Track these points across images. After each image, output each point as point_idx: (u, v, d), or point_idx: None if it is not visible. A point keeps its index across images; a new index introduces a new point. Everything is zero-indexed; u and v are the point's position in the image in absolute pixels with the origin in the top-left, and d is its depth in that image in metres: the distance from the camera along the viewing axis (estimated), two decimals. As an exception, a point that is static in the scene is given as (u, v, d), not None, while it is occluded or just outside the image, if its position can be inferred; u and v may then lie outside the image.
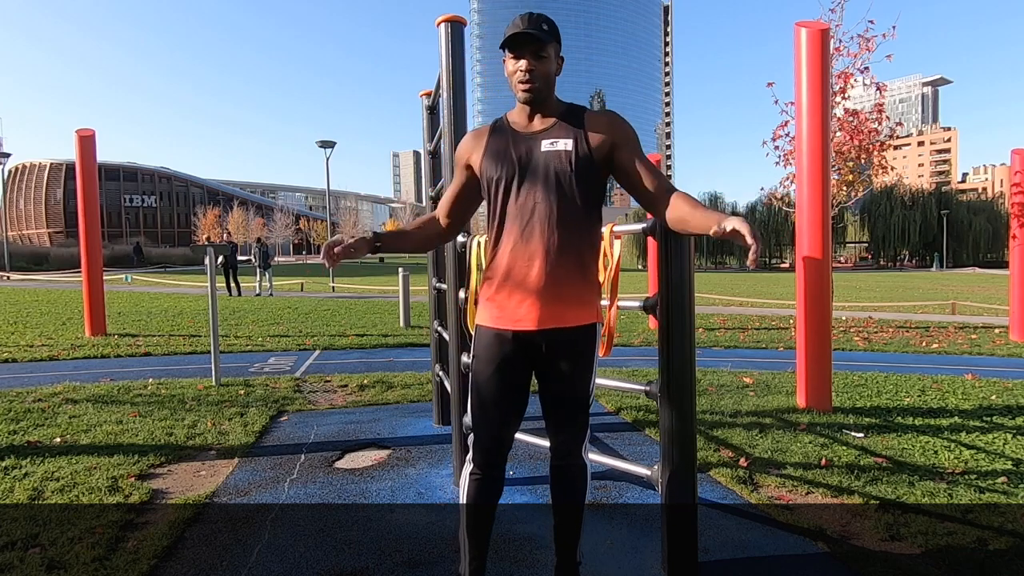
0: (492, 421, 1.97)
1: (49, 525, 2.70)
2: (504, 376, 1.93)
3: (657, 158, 10.55)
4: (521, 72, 1.85)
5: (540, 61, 1.85)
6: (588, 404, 2.03)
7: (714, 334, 9.54)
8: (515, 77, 1.87)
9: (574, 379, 1.95)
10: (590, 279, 1.95)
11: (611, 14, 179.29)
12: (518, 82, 1.86)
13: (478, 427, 2.00)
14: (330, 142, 24.54)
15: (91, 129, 9.08)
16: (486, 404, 1.96)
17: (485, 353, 1.95)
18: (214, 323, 5.77)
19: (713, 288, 22.31)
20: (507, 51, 1.87)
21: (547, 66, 1.87)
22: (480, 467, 2.01)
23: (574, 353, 1.93)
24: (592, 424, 4.57)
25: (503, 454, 2.02)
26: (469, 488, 2.03)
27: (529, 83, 1.85)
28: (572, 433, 2.02)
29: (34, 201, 77.66)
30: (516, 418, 2.00)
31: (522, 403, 2.00)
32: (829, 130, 4.87)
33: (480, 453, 2.00)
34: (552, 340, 1.90)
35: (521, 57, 1.85)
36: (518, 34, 1.82)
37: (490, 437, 1.98)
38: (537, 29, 1.83)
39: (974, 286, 25.66)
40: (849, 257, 72.94)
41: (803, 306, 4.83)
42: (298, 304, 14.45)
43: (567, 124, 1.91)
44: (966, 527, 2.69)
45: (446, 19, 3.14)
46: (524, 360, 1.94)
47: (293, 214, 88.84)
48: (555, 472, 2.09)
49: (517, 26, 1.83)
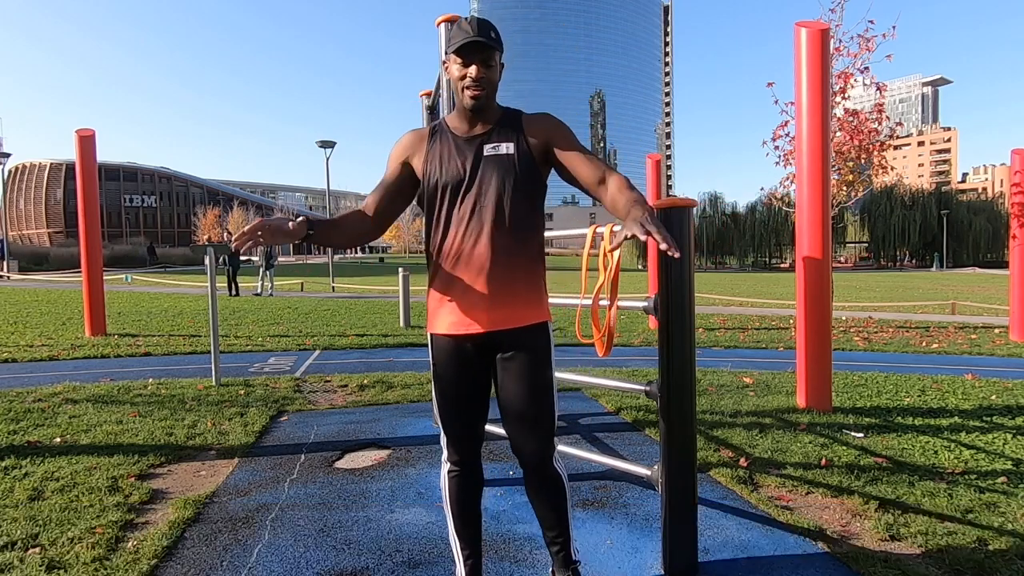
0: (460, 418, 2.00)
1: (49, 525, 2.70)
2: (462, 379, 1.97)
3: (657, 158, 10.56)
4: (470, 79, 1.85)
5: (489, 69, 1.86)
6: (551, 407, 1.98)
7: (714, 334, 9.54)
8: (462, 83, 1.87)
9: (531, 378, 1.93)
10: (537, 279, 1.98)
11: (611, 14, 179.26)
12: (465, 88, 1.86)
13: (448, 426, 2.03)
14: (330, 142, 24.55)
15: (91, 129, 9.08)
16: (450, 404, 2.00)
17: (444, 360, 1.97)
18: (214, 323, 5.77)
19: (713, 288, 22.32)
20: (454, 55, 1.87)
21: (494, 74, 1.88)
22: (456, 463, 2.04)
23: (529, 351, 1.93)
24: (592, 424, 4.58)
25: (476, 448, 2.05)
26: (450, 486, 2.05)
27: (479, 90, 1.86)
28: (536, 437, 1.97)
29: (34, 201, 77.68)
30: (482, 412, 2.03)
31: (485, 398, 2.02)
32: (829, 130, 4.87)
33: (454, 450, 2.03)
34: (505, 341, 1.92)
35: (471, 63, 1.85)
36: (472, 42, 1.82)
37: (461, 433, 2.01)
38: (487, 37, 1.83)
39: (974, 286, 25.67)
40: (849, 257, 72.95)
41: (803, 306, 4.83)
42: (298, 304, 14.45)
43: (506, 128, 1.94)
44: (966, 527, 2.69)
45: (446, 19, 3.14)
46: (480, 361, 1.96)
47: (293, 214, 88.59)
48: (529, 486, 2.06)
49: (467, 32, 1.83)
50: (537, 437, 1.97)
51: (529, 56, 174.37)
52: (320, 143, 24.51)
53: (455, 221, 1.90)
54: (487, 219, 1.86)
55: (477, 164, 1.90)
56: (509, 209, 1.88)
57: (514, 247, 1.89)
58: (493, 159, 1.90)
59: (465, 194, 1.89)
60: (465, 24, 1.86)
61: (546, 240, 2.12)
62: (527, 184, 1.91)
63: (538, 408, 1.95)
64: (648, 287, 12.15)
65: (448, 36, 1.88)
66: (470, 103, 1.87)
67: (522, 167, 1.90)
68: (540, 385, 1.95)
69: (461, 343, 1.93)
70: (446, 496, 2.06)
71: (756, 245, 65.77)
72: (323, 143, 24.53)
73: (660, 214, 2.32)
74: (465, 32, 1.84)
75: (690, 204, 2.32)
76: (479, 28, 1.84)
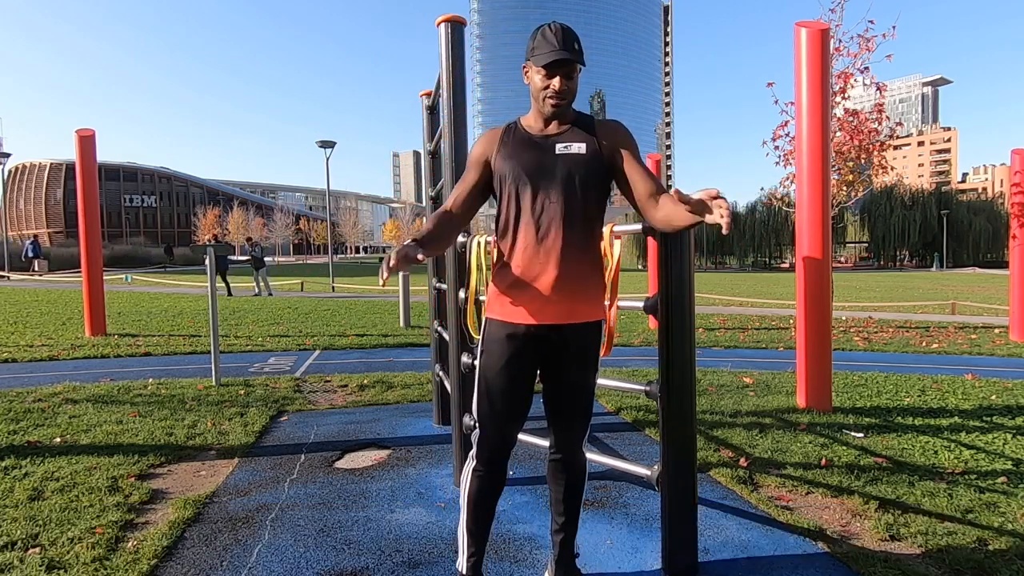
0: (500, 415, 2.00)
1: (49, 525, 2.70)
2: (513, 370, 1.97)
3: (657, 158, 10.55)
4: (554, 91, 1.88)
5: (571, 81, 1.90)
6: (592, 400, 2.10)
7: (714, 334, 9.54)
8: (545, 93, 1.90)
9: (583, 373, 2.02)
10: (599, 276, 2.03)
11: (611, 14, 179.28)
12: (547, 98, 1.90)
13: (485, 422, 2.02)
14: (330, 142, 24.54)
15: (91, 129, 9.08)
16: (494, 398, 1.99)
17: (496, 347, 1.98)
18: (214, 323, 5.77)
19: (713, 288, 22.31)
20: (538, 67, 1.89)
21: (576, 85, 1.92)
22: (484, 463, 2.04)
23: (584, 348, 1.99)
24: (592, 424, 4.57)
25: (507, 451, 2.05)
26: (471, 484, 2.05)
27: (561, 100, 1.90)
28: (577, 429, 2.09)
29: (34, 201, 77.68)
30: (522, 415, 2.03)
31: (528, 399, 2.04)
32: (829, 130, 4.87)
33: (486, 449, 2.03)
34: (564, 335, 1.96)
35: (554, 75, 1.87)
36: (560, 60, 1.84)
37: (497, 432, 2.01)
38: (571, 51, 1.85)
39: (974, 286, 25.66)
40: (849, 257, 72.93)
41: (803, 306, 4.83)
42: (298, 304, 14.45)
43: (579, 129, 1.97)
44: (966, 527, 2.70)
45: (446, 19, 3.13)
46: (533, 356, 1.98)
47: (293, 214, 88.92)
48: (556, 466, 2.14)
49: (552, 44, 1.84)
50: (583, 428, 2.10)
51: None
52: (320, 143, 24.49)
53: (526, 216, 1.93)
54: (557, 215, 1.91)
55: (550, 161, 1.94)
56: (579, 206, 1.92)
57: (581, 243, 1.94)
58: (565, 157, 1.94)
59: (537, 190, 1.93)
60: (550, 34, 1.87)
61: None
62: (595, 183, 1.96)
63: (587, 401, 2.07)
64: (648, 287, 12.15)
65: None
66: (550, 112, 1.93)
67: (592, 167, 1.94)
68: (590, 381, 2.05)
69: (516, 331, 1.95)
70: (466, 493, 2.07)
71: (756, 245, 65.77)
72: (323, 143, 24.51)
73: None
74: (551, 44, 1.85)
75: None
76: (564, 41, 1.85)
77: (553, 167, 1.93)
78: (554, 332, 1.95)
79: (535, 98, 1.95)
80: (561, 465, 2.13)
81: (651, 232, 2.37)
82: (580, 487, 2.16)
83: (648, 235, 2.41)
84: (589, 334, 2.00)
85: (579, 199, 1.92)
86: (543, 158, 1.94)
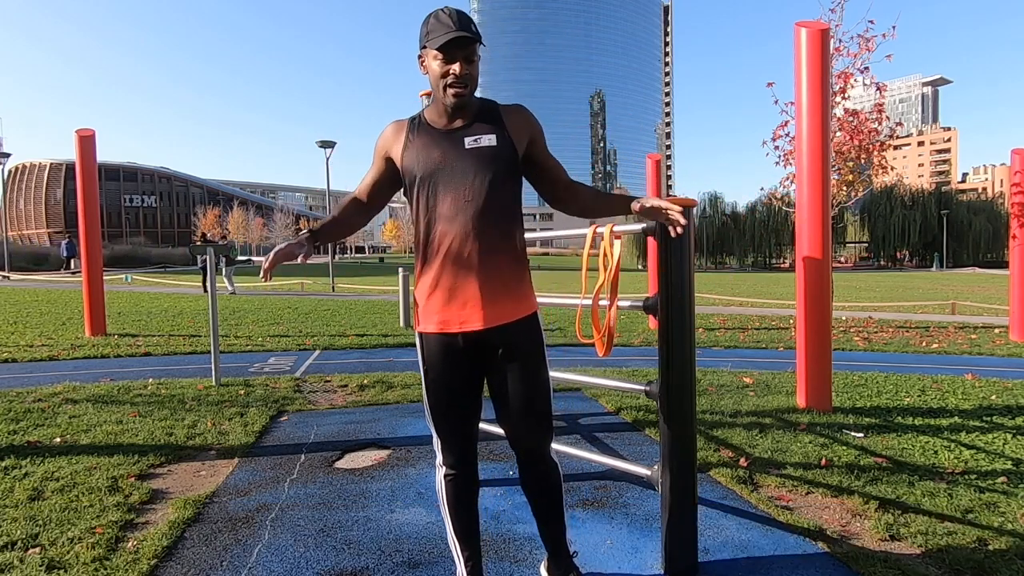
0: (453, 420, 1.98)
1: (49, 525, 2.70)
2: (456, 375, 1.94)
3: (657, 158, 10.55)
4: (454, 76, 1.78)
5: (471, 65, 1.81)
6: (549, 397, 2.00)
7: (714, 334, 9.54)
8: (444, 80, 1.79)
9: (530, 372, 1.94)
10: (523, 271, 1.97)
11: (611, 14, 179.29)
12: (449, 85, 1.79)
13: (441, 429, 2.00)
14: (330, 142, 24.51)
15: (91, 129, 9.07)
16: (443, 406, 1.97)
17: (435, 359, 1.94)
18: (214, 323, 5.77)
19: (713, 288, 22.31)
20: (434, 51, 1.78)
21: (476, 69, 1.83)
22: (452, 466, 2.02)
23: (523, 345, 1.93)
24: (592, 424, 4.57)
25: (471, 449, 2.03)
26: (447, 490, 2.04)
27: (462, 87, 1.80)
28: (536, 434, 1.99)
29: (34, 201, 77.68)
30: (475, 413, 2.01)
31: (478, 399, 2.01)
32: (829, 130, 4.87)
33: (449, 453, 2.01)
34: (499, 337, 1.90)
35: (453, 60, 1.78)
36: (456, 38, 1.74)
37: (454, 436, 1.99)
38: (468, 31, 1.75)
39: (974, 286, 25.66)
40: (849, 257, 72.92)
41: (803, 306, 4.83)
42: (298, 304, 14.44)
43: (486, 120, 1.90)
44: (966, 527, 2.70)
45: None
46: (473, 358, 1.94)
47: (293, 214, 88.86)
48: (528, 477, 2.07)
49: (448, 26, 1.75)
50: (541, 428, 2.00)
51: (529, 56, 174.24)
52: (320, 143, 24.46)
53: (439, 217, 1.85)
54: (472, 213, 1.82)
55: (458, 158, 1.85)
56: (494, 203, 1.84)
57: (500, 241, 1.87)
58: (475, 152, 1.85)
59: (448, 189, 1.84)
60: (444, 16, 1.78)
61: (546, 240, 2.14)
62: (509, 176, 1.89)
63: (540, 401, 1.97)
64: (648, 287, 12.15)
65: (424, 30, 1.83)
66: (452, 101, 1.82)
67: (504, 159, 1.87)
68: (539, 378, 1.96)
69: (453, 341, 1.90)
70: (442, 500, 2.06)
71: (756, 245, 65.72)
72: (323, 143, 24.48)
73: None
74: (445, 26, 1.76)
75: (690, 204, 2.32)
76: (460, 22, 1.76)
77: (464, 164, 1.84)
78: (490, 335, 1.88)
79: (435, 88, 1.82)
80: (531, 476, 2.05)
81: (651, 232, 2.37)
82: (557, 488, 2.07)
83: (648, 235, 2.41)
84: (526, 331, 1.93)
85: (495, 195, 1.84)
86: (452, 155, 1.85)
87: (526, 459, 2.04)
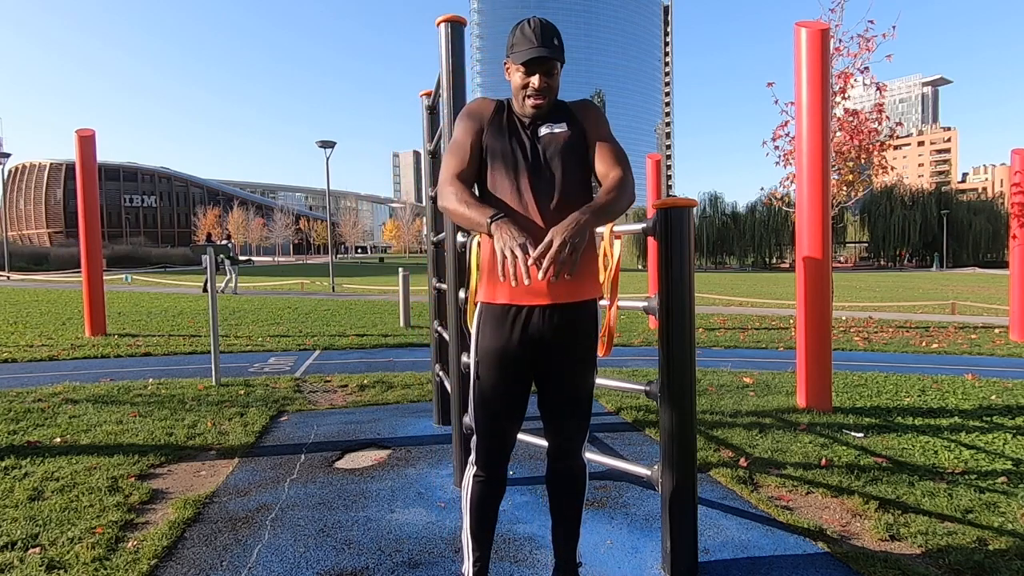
0: (496, 418, 1.95)
1: (49, 525, 2.70)
2: (508, 371, 1.92)
3: (657, 158, 10.55)
4: (533, 88, 1.87)
5: (552, 78, 1.88)
6: (591, 401, 2.04)
7: (714, 334, 9.54)
8: (524, 91, 1.89)
9: (580, 368, 1.95)
10: (592, 252, 2.00)
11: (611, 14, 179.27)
12: (527, 97, 1.89)
13: (481, 427, 1.98)
14: (330, 142, 24.51)
15: (91, 129, 9.08)
16: (489, 401, 1.95)
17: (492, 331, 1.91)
18: (214, 323, 5.77)
19: (713, 288, 22.31)
20: (517, 65, 1.86)
21: (556, 81, 1.90)
22: (484, 468, 2.00)
23: (582, 333, 1.94)
24: (592, 424, 4.57)
25: (506, 454, 2.01)
26: (473, 490, 2.02)
27: (541, 99, 1.89)
28: (576, 432, 2.02)
29: (34, 201, 77.69)
30: (519, 417, 2.00)
31: (525, 402, 2.00)
32: (829, 130, 4.87)
33: (484, 454, 1.99)
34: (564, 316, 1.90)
35: (534, 74, 1.86)
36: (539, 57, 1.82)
37: (494, 437, 1.97)
38: (551, 47, 1.82)
39: (974, 286, 25.66)
40: (849, 257, 72.95)
41: (803, 306, 4.83)
42: (298, 304, 14.44)
43: (558, 111, 1.98)
44: (966, 527, 2.70)
45: (446, 19, 3.13)
46: (528, 356, 1.92)
47: (293, 214, 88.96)
48: (556, 474, 2.08)
49: (531, 41, 1.82)
50: (583, 431, 2.04)
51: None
52: (320, 143, 24.46)
53: (515, 197, 1.89)
54: (546, 194, 1.88)
55: (536, 143, 1.93)
56: (568, 186, 1.90)
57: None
58: (550, 138, 1.93)
59: (524, 171, 1.90)
60: (528, 31, 1.84)
61: None
62: (579, 162, 1.95)
63: (586, 403, 2.01)
64: (648, 287, 12.15)
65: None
66: (531, 112, 1.91)
67: (576, 145, 1.94)
68: (589, 379, 1.99)
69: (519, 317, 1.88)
70: (467, 499, 2.04)
71: (756, 245, 65.78)
72: (323, 143, 24.48)
73: (660, 214, 2.33)
74: (529, 41, 1.83)
75: (690, 204, 2.32)
76: (543, 38, 1.83)
77: (542, 149, 1.92)
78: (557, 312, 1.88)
79: (516, 96, 1.92)
80: (562, 472, 2.07)
81: (651, 232, 2.37)
82: (582, 493, 2.09)
83: (648, 235, 2.41)
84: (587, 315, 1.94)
85: (569, 178, 1.90)
86: (529, 140, 1.93)
87: (561, 457, 2.05)
